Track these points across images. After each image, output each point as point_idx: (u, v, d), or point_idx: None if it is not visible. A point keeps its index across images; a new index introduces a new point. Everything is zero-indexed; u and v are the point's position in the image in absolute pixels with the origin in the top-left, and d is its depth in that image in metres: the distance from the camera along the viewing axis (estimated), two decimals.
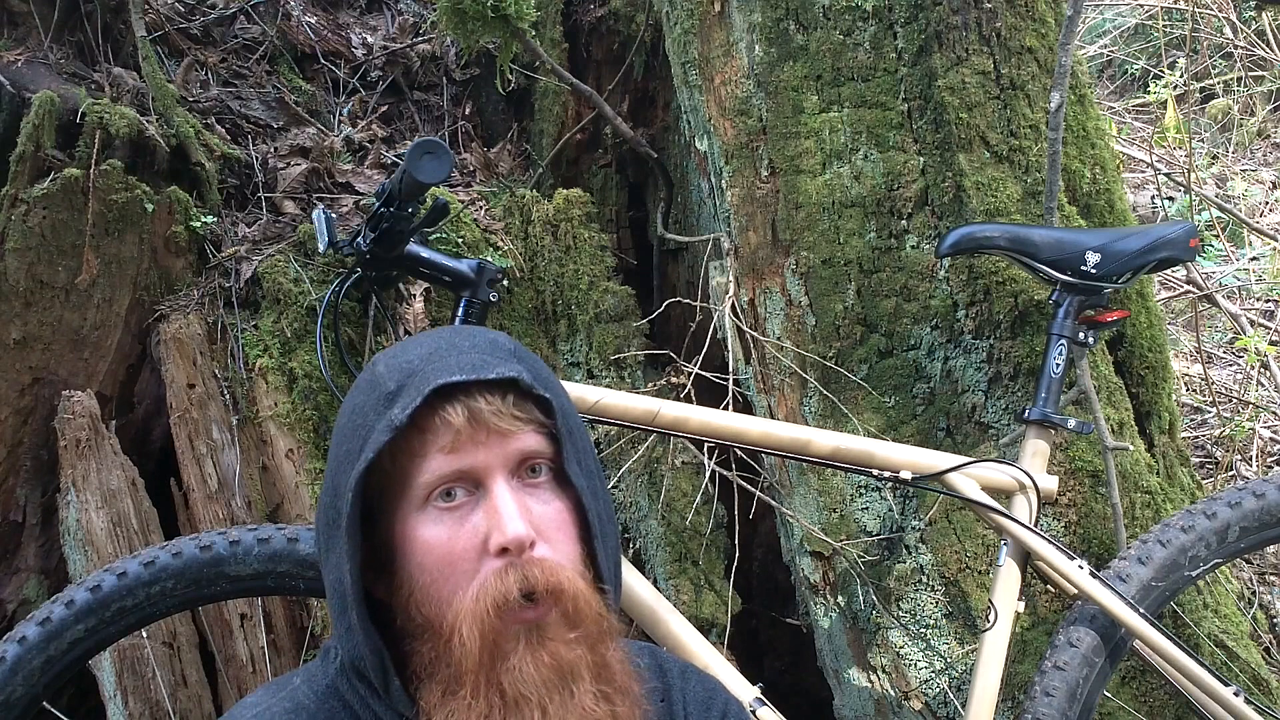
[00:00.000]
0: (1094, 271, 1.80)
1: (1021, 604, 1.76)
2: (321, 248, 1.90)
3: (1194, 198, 3.98)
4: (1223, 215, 4.33)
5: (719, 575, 2.24)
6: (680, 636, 1.70)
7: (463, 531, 1.03)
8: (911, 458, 1.75)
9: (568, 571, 1.03)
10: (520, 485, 1.05)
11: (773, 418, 2.09)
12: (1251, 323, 3.66)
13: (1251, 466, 3.25)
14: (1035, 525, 1.75)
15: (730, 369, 2.13)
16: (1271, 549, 2.74)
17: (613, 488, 2.23)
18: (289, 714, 1.08)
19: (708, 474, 2.17)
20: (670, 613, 1.72)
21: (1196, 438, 3.45)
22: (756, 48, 2.07)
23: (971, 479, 1.75)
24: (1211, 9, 5.19)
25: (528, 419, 1.05)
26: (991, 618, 1.74)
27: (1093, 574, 1.73)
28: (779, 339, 2.08)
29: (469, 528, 1.03)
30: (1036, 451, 1.81)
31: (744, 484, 2.17)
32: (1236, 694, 1.72)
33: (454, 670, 1.01)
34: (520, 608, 1.01)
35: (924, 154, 2.03)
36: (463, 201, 2.39)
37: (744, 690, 1.67)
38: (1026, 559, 1.76)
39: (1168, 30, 5.64)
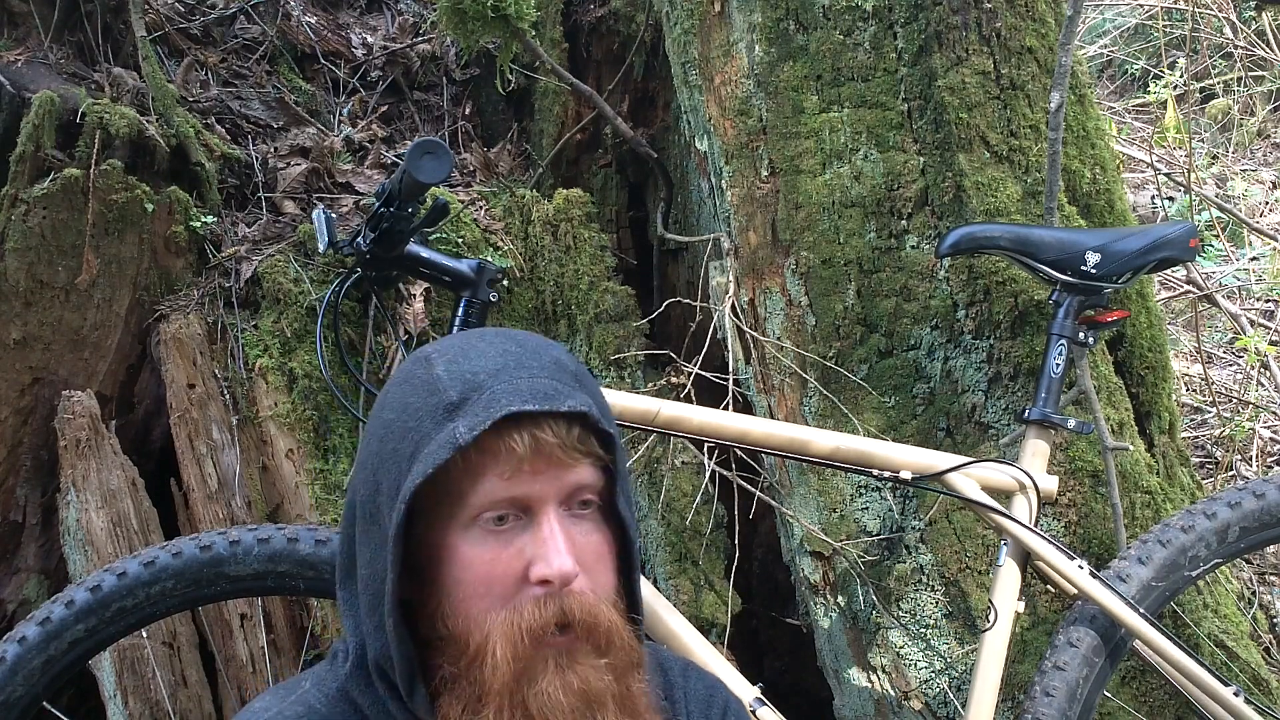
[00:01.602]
0: (1094, 271, 1.80)
1: (1021, 604, 1.76)
2: (321, 248, 1.90)
3: (1194, 198, 3.98)
4: (1223, 215, 4.33)
5: (719, 575, 2.23)
6: (680, 636, 1.70)
7: (506, 554, 1.02)
8: (911, 458, 1.75)
9: (604, 606, 1.03)
10: (568, 515, 1.04)
11: (773, 418, 2.09)
12: (1251, 323, 3.66)
13: (1251, 466, 3.25)
14: (1035, 525, 1.75)
15: (730, 369, 2.12)
16: (1271, 549, 2.73)
17: None
18: (300, 718, 1.07)
19: (708, 474, 2.17)
20: (670, 612, 1.72)
21: (1196, 438, 3.45)
22: (756, 48, 2.07)
23: (971, 479, 1.75)
24: (1211, 9, 5.18)
25: (587, 452, 1.04)
26: (991, 618, 1.74)
27: (1093, 574, 1.73)
28: (779, 339, 2.08)
29: (513, 551, 1.02)
30: (1036, 451, 1.81)
31: (744, 484, 2.17)
32: (1236, 694, 1.72)
33: (479, 689, 1.00)
34: (554, 637, 1.01)
35: (924, 154, 2.03)
36: (463, 201, 2.39)
37: (744, 690, 1.67)
38: (1026, 559, 1.76)
39: (1168, 30, 5.63)
